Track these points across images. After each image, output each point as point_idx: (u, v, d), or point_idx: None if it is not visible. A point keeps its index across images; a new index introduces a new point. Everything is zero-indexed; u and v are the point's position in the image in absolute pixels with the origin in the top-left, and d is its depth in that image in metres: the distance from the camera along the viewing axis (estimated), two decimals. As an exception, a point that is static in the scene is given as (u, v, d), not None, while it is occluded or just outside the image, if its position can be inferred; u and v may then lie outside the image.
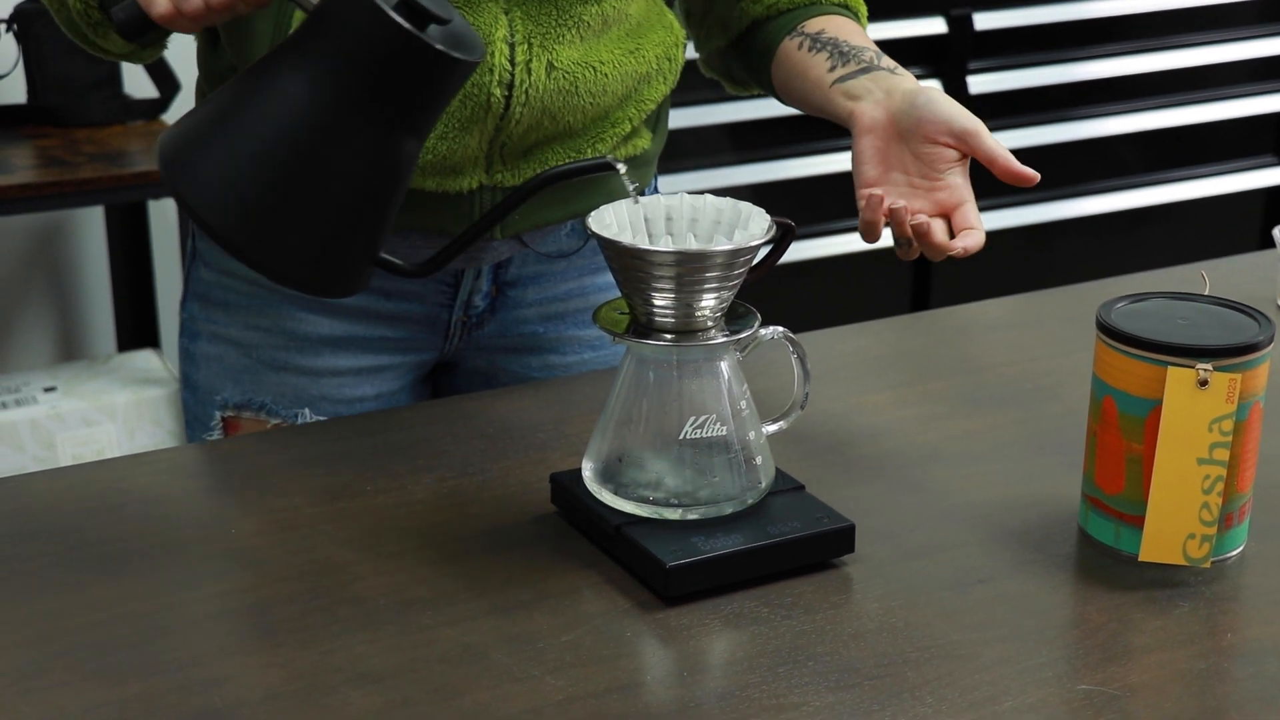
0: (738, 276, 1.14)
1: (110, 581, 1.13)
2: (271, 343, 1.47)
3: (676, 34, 1.46)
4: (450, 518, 1.23)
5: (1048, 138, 3.42)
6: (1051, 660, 1.05)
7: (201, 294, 1.51)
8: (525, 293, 1.52)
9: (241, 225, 1.12)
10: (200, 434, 1.51)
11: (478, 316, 1.51)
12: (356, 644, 1.06)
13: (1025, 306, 1.70)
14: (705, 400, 1.16)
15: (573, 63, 1.36)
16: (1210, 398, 1.12)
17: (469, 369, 1.56)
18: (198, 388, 1.51)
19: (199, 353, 1.51)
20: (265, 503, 1.26)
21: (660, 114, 1.53)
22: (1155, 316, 1.18)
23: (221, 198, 1.11)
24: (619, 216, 1.17)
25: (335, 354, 1.48)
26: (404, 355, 1.51)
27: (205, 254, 1.50)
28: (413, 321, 1.49)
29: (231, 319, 1.48)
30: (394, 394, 1.52)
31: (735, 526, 1.15)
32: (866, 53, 1.40)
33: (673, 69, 1.47)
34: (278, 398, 1.48)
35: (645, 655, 1.07)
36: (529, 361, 1.54)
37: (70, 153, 2.60)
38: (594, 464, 1.19)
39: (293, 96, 1.11)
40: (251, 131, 1.11)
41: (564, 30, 1.35)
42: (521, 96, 1.35)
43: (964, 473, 1.31)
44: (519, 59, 1.34)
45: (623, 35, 1.40)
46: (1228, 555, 1.17)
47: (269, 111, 1.11)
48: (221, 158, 1.12)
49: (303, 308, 1.46)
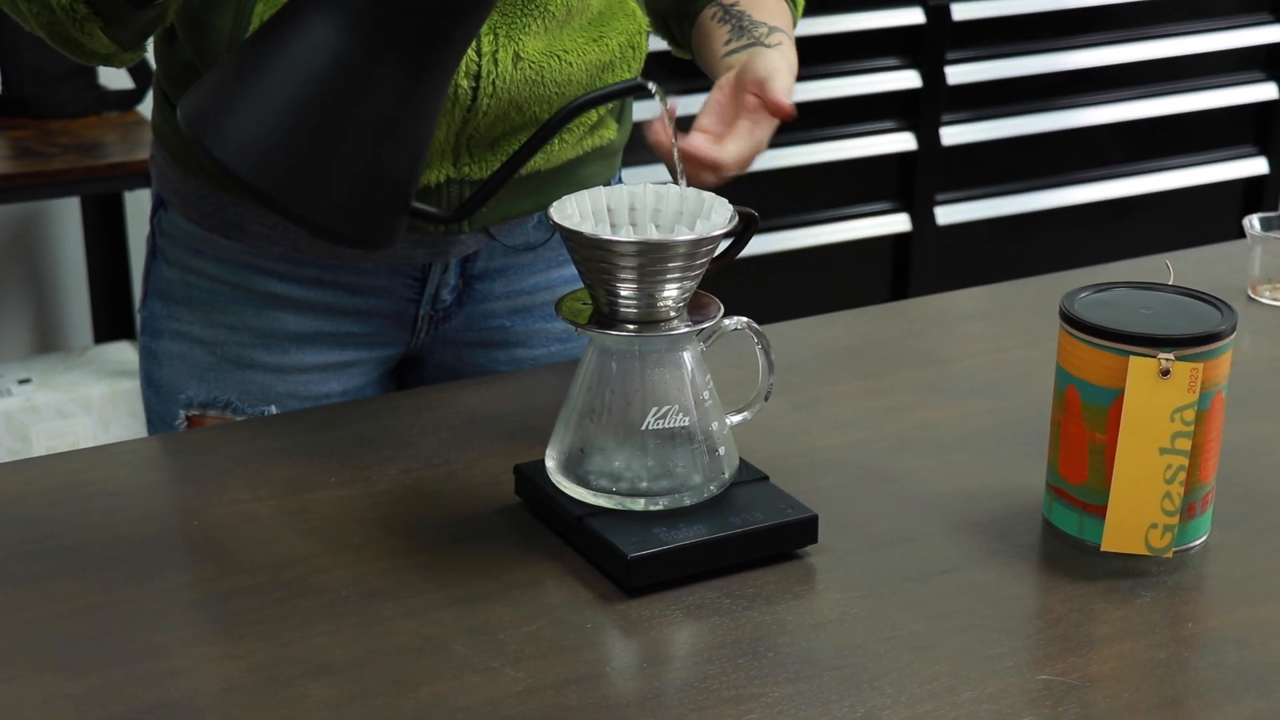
0: (700, 267, 1.14)
1: (70, 574, 1.13)
2: (236, 340, 1.46)
3: (640, 21, 1.45)
4: (414, 509, 1.22)
5: (1026, 128, 3.42)
6: (1012, 650, 1.05)
7: (163, 292, 1.49)
8: (492, 286, 1.51)
9: (278, 180, 1.09)
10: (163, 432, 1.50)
11: (445, 310, 1.51)
12: (316, 635, 1.06)
13: (996, 297, 1.70)
14: (668, 391, 1.16)
15: (538, 52, 1.36)
16: (1172, 387, 1.12)
17: (435, 363, 1.56)
18: (161, 386, 1.50)
19: (161, 351, 1.49)
20: (228, 495, 1.25)
21: (626, 104, 1.52)
22: (1118, 306, 1.18)
23: (255, 154, 1.09)
24: (581, 206, 1.17)
25: (301, 350, 1.47)
26: (370, 350, 1.50)
27: (166, 251, 1.49)
28: (380, 316, 1.49)
29: (195, 316, 1.47)
30: (360, 389, 1.51)
31: (698, 517, 1.15)
32: (762, 28, 1.40)
33: (637, 56, 1.46)
34: (243, 395, 1.47)
35: (606, 646, 1.06)
36: (496, 356, 1.54)
37: (45, 144, 2.59)
38: (557, 455, 1.18)
39: (316, 43, 1.09)
40: (277, 83, 1.09)
41: (529, 20, 1.35)
42: (489, 87, 1.35)
43: (930, 463, 1.31)
44: (485, 49, 1.34)
45: (586, 24, 1.40)
46: (1190, 545, 1.17)
47: (293, 60, 1.09)
48: (250, 113, 1.09)
49: (269, 305, 1.46)
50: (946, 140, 3.32)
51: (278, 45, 1.11)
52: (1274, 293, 1.67)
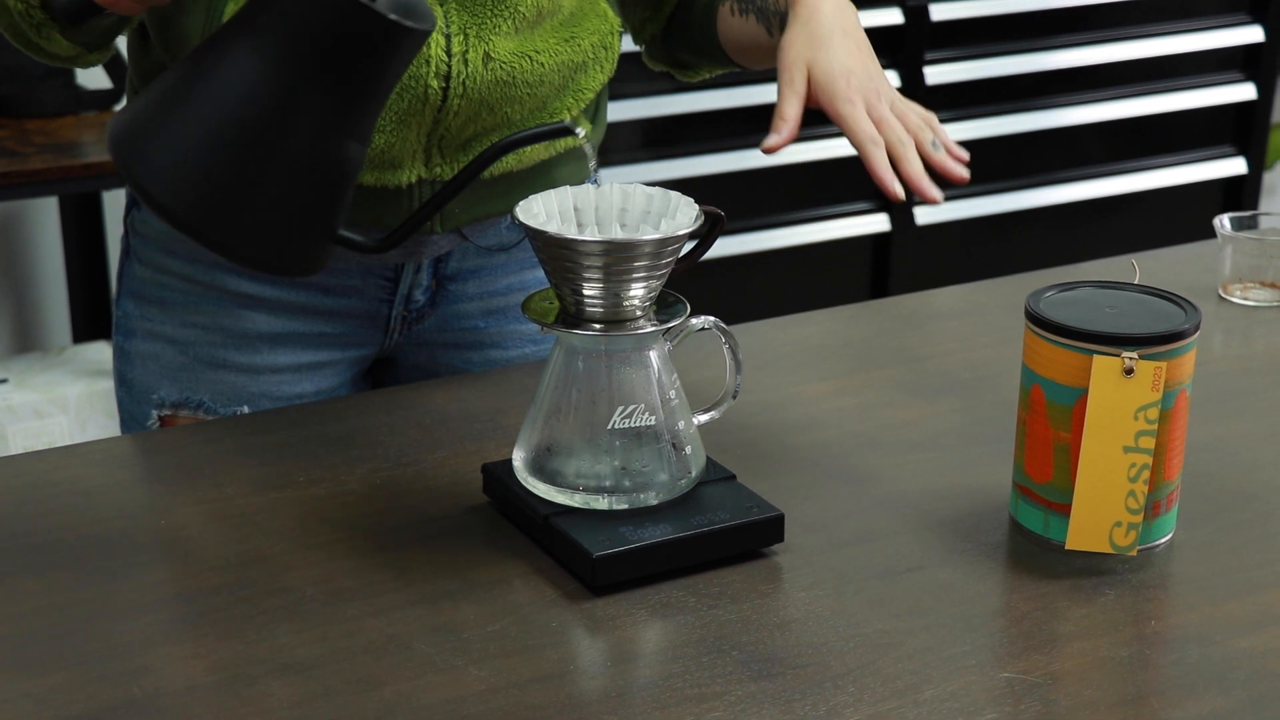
0: (666, 266, 1.14)
1: (36, 573, 1.13)
2: (209, 340, 1.46)
3: (611, 22, 1.45)
4: (382, 508, 1.22)
5: (1006, 128, 3.43)
6: (975, 648, 1.05)
7: (136, 291, 1.49)
8: (465, 287, 1.51)
9: (198, 207, 1.09)
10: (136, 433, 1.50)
11: (418, 311, 1.51)
12: (281, 634, 1.06)
13: (969, 296, 1.70)
14: (634, 390, 1.16)
15: (509, 53, 1.36)
16: (1136, 386, 1.12)
17: (409, 364, 1.56)
18: (133, 386, 1.50)
19: (134, 351, 1.49)
20: (197, 493, 1.25)
21: (599, 104, 1.53)
22: (1083, 305, 1.18)
23: (176, 181, 1.09)
24: (547, 206, 1.17)
25: (274, 351, 1.47)
26: (343, 351, 1.51)
27: (139, 250, 1.49)
28: (352, 317, 1.49)
29: (168, 316, 1.47)
30: (333, 390, 1.51)
31: (664, 516, 1.15)
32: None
33: (609, 57, 1.46)
34: (215, 396, 1.47)
35: (570, 645, 1.06)
36: (469, 357, 1.54)
37: (21, 143, 2.58)
38: (524, 454, 1.19)
39: (242, 73, 1.09)
40: (202, 112, 1.09)
41: (499, 21, 1.35)
42: (459, 88, 1.35)
43: (898, 462, 1.31)
44: (455, 50, 1.34)
45: (557, 25, 1.40)
46: (1155, 543, 1.18)
47: (219, 90, 1.09)
48: (173, 140, 1.09)
49: (241, 305, 1.46)
50: (926, 140, 3.32)
51: (204, 73, 1.10)
52: (1244, 292, 1.67)
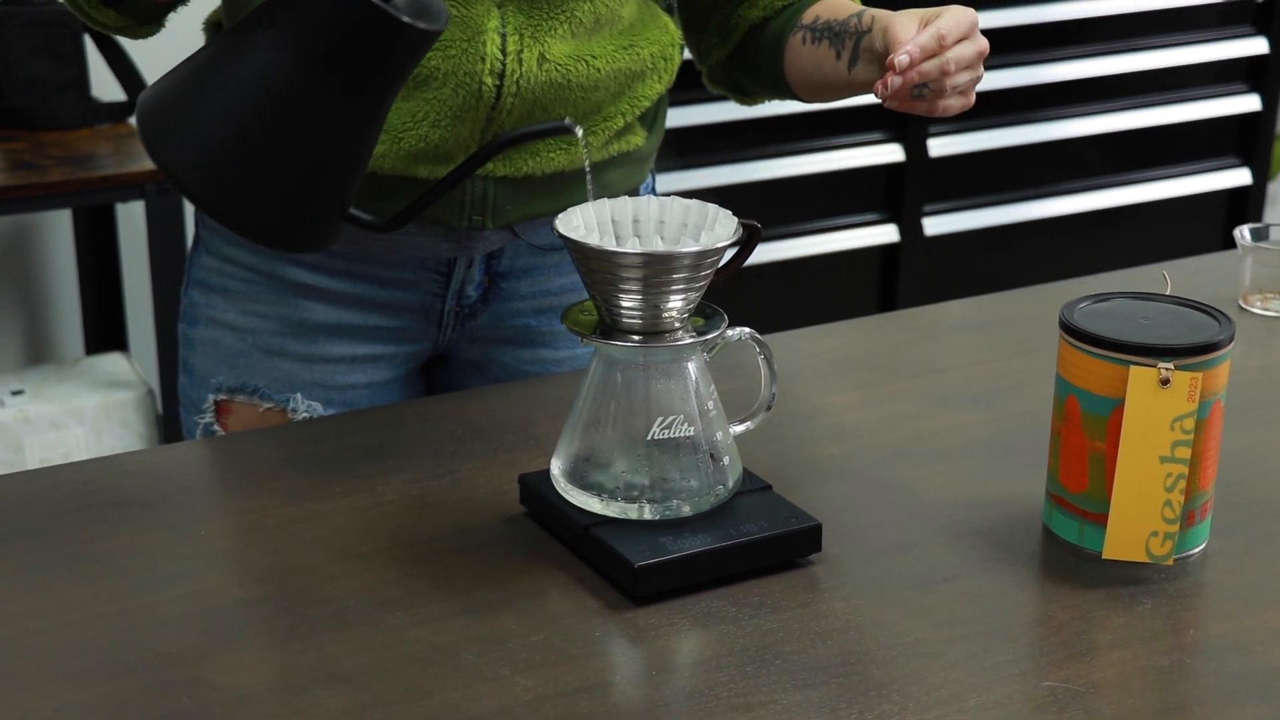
0: (705, 278, 1.15)
1: (79, 584, 1.13)
2: (268, 328, 1.49)
3: (672, 34, 1.47)
4: (419, 519, 1.23)
5: (1014, 139, 3.44)
6: (1016, 657, 1.06)
7: (201, 280, 1.53)
8: (518, 285, 1.53)
9: (210, 182, 1.15)
10: (193, 416, 1.53)
11: (470, 307, 1.52)
12: (326, 644, 1.06)
13: (990, 307, 1.71)
14: (672, 401, 1.17)
15: (565, 56, 1.38)
16: (1172, 396, 1.13)
17: (462, 360, 1.57)
18: (194, 372, 1.53)
19: (196, 337, 1.53)
20: (234, 504, 1.26)
21: (657, 113, 1.54)
22: (1118, 316, 1.19)
23: (193, 156, 1.15)
24: (586, 218, 1.18)
25: (330, 341, 1.50)
26: (397, 345, 1.52)
27: (207, 241, 1.52)
28: (406, 310, 1.51)
29: (230, 304, 1.50)
30: (386, 384, 1.53)
31: (703, 526, 1.16)
32: (852, 21, 1.42)
33: (668, 68, 1.48)
34: (271, 382, 1.50)
35: (614, 655, 1.07)
36: (521, 354, 1.55)
37: (38, 156, 2.59)
38: (562, 464, 1.19)
39: (259, 62, 1.14)
40: (219, 94, 1.14)
41: (555, 24, 1.37)
42: (513, 86, 1.37)
43: (929, 472, 1.32)
44: (510, 49, 1.36)
45: (616, 33, 1.42)
46: (1190, 552, 1.19)
47: (237, 76, 1.14)
48: (193, 119, 1.15)
49: (300, 294, 1.48)
50: (934, 151, 3.33)
51: (224, 59, 1.16)
52: (1265, 303, 1.69)
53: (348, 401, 1.50)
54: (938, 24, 1.29)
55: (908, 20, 1.31)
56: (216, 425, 1.51)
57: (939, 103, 1.32)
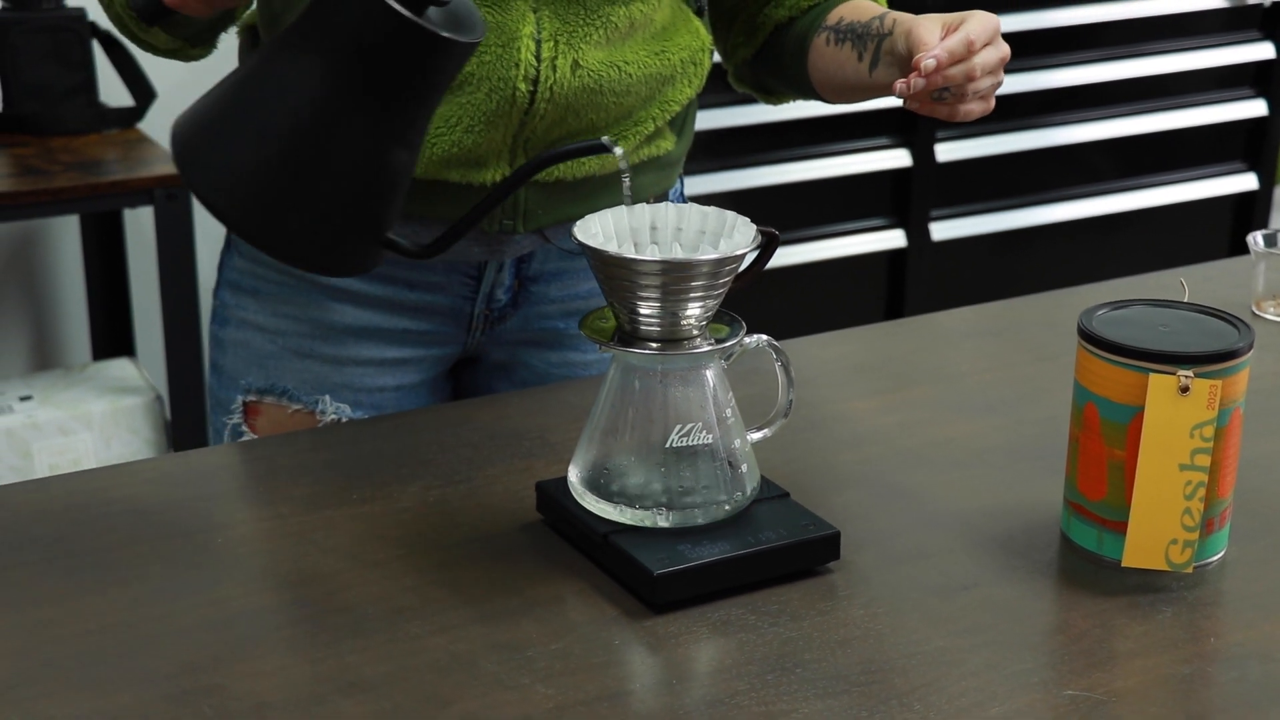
0: (723, 285, 1.15)
1: (97, 591, 1.13)
2: (298, 330, 1.50)
3: (703, 39, 1.48)
4: (436, 526, 1.23)
5: (1022, 145, 3.44)
6: (1037, 666, 1.06)
7: (233, 282, 1.54)
8: (548, 289, 1.53)
9: (246, 209, 1.13)
10: (221, 417, 1.54)
11: (500, 310, 1.53)
12: (346, 653, 1.06)
13: (1003, 313, 1.71)
14: (691, 408, 1.17)
15: (598, 62, 1.39)
16: (1192, 404, 1.13)
17: (490, 363, 1.58)
18: (223, 373, 1.54)
19: (227, 338, 1.54)
20: (251, 512, 1.26)
21: (686, 118, 1.54)
22: (1136, 323, 1.19)
23: (227, 183, 1.12)
24: (605, 226, 1.18)
25: (359, 344, 1.50)
26: (426, 349, 1.53)
27: (239, 243, 1.53)
28: (436, 313, 1.51)
29: (260, 306, 1.51)
30: (414, 387, 1.53)
31: (721, 534, 1.15)
32: (874, 23, 1.42)
33: (698, 73, 1.49)
34: (300, 384, 1.50)
35: (634, 663, 1.07)
36: (548, 357, 1.56)
37: (47, 161, 2.59)
38: (580, 471, 1.19)
39: (292, 83, 1.12)
40: (253, 119, 1.12)
41: (590, 30, 1.37)
42: (546, 93, 1.37)
43: (946, 479, 1.32)
44: (545, 55, 1.36)
45: (648, 38, 1.43)
46: (1209, 560, 1.18)
47: (270, 98, 1.12)
48: (226, 145, 1.13)
49: (330, 297, 1.49)
50: (942, 157, 3.34)
51: (257, 81, 1.14)
52: (1278, 309, 1.68)
53: (376, 404, 1.51)
54: (966, 29, 1.29)
55: (931, 24, 1.31)
56: (245, 426, 1.51)
57: (960, 107, 1.32)
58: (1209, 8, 3.58)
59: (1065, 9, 3.43)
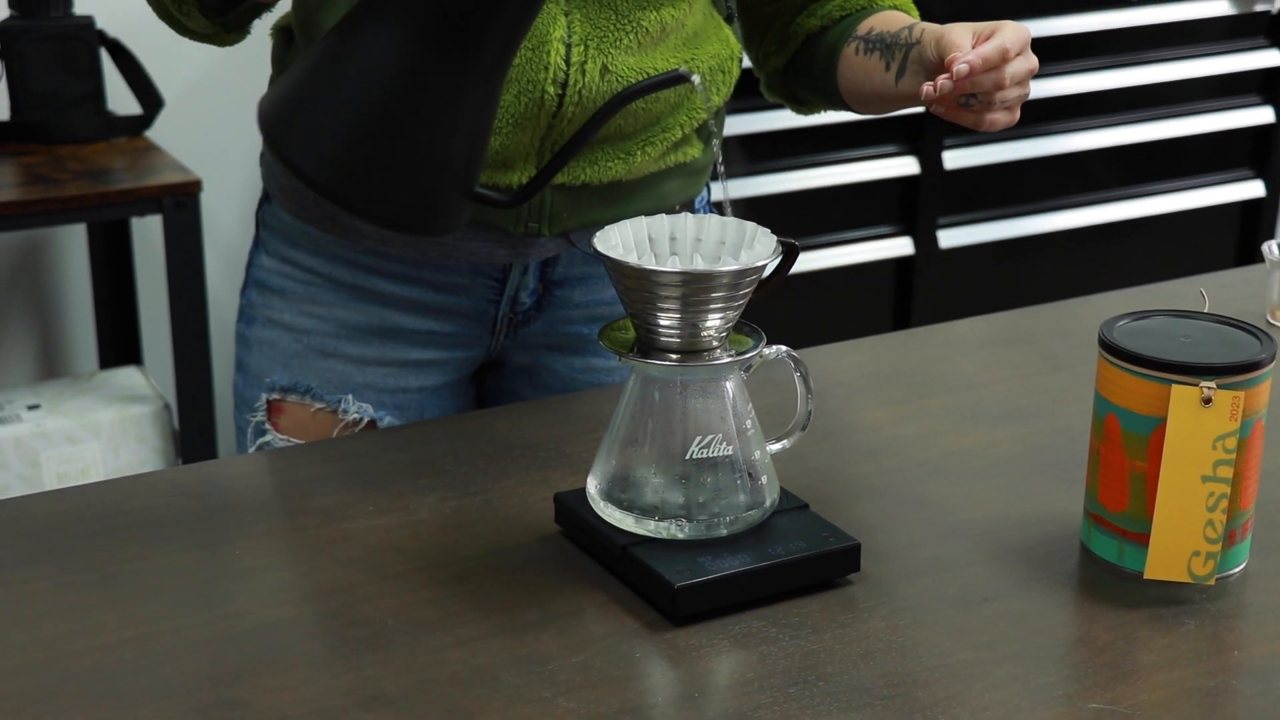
0: (743, 297, 1.15)
1: (116, 605, 1.13)
2: (323, 329, 1.50)
3: (732, 47, 1.48)
4: (454, 538, 1.22)
5: (1030, 152, 3.43)
6: (1061, 679, 1.05)
7: (261, 281, 1.54)
8: (572, 293, 1.53)
9: (342, 176, 1.16)
10: (245, 415, 1.55)
11: (524, 314, 1.53)
12: (366, 666, 1.06)
13: (1017, 322, 1.70)
14: (711, 420, 1.16)
15: (628, 68, 1.39)
16: (1214, 415, 1.12)
17: (514, 367, 1.58)
18: (249, 370, 1.55)
19: (253, 337, 1.54)
20: (267, 524, 1.25)
21: (718, 126, 1.54)
22: (1157, 334, 1.18)
23: (320, 153, 1.15)
24: (624, 236, 1.18)
25: (383, 344, 1.50)
26: (450, 351, 1.53)
27: (267, 242, 1.54)
28: (460, 315, 1.51)
29: (287, 305, 1.52)
30: (437, 389, 1.53)
31: (741, 546, 1.15)
32: (903, 33, 1.42)
33: (727, 81, 1.48)
34: (323, 383, 1.51)
35: (655, 676, 1.07)
36: (572, 363, 1.56)
37: (55, 170, 2.58)
38: (599, 483, 1.19)
39: (374, 49, 1.15)
40: (338, 86, 1.16)
41: (621, 35, 1.38)
42: (574, 96, 1.37)
43: (964, 490, 1.31)
44: (574, 60, 1.36)
45: (679, 44, 1.42)
46: (1231, 572, 1.18)
47: (354, 65, 1.15)
48: (315, 116, 1.16)
49: (356, 297, 1.49)
50: (949, 164, 3.33)
51: (339, 50, 1.17)
52: (1294, 318, 1.68)
53: (398, 405, 1.51)
54: (1001, 37, 1.29)
55: (963, 31, 1.32)
56: (268, 424, 1.52)
57: (986, 116, 1.32)
58: (1216, 15, 3.58)
59: (1075, 16, 3.42)
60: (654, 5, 1.38)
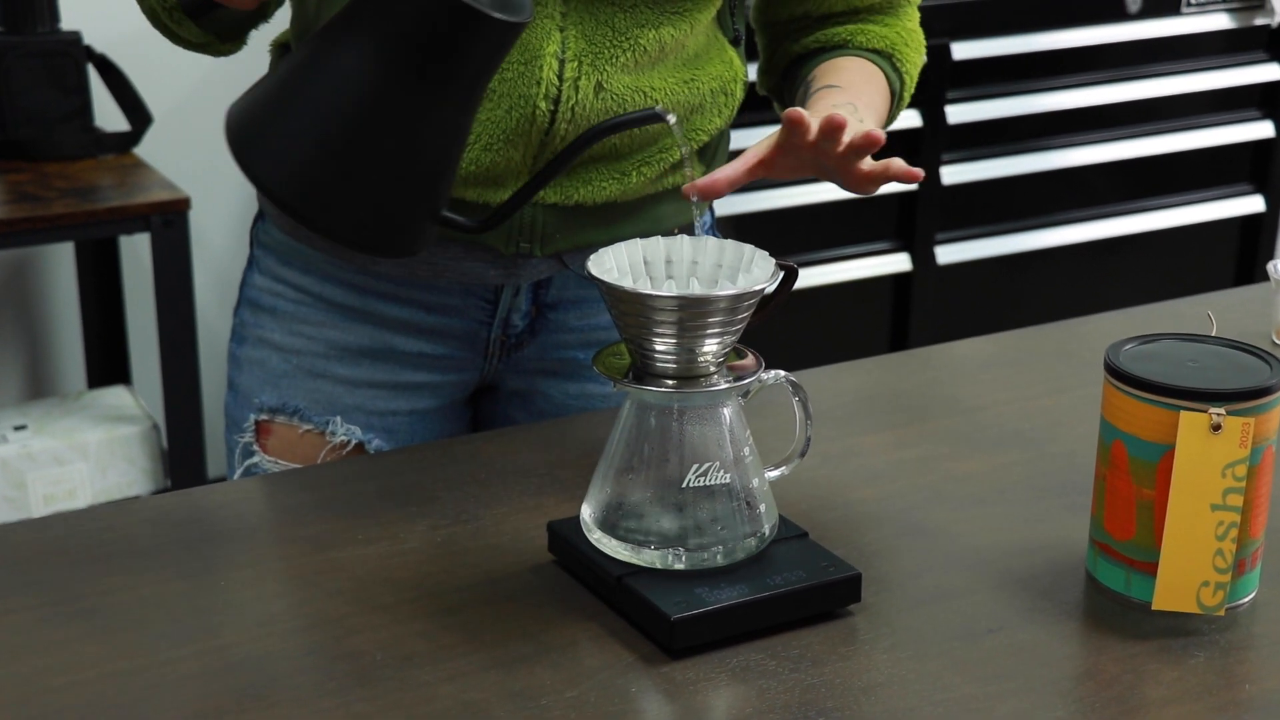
0: (741, 321, 1.12)
1: (98, 638, 1.10)
2: (313, 350, 1.48)
3: (735, 69, 1.45)
4: (444, 567, 1.20)
5: (1028, 167, 3.41)
6: (1069, 714, 1.03)
7: (252, 300, 1.52)
8: (566, 317, 1.50)
9: (304, 192, 1.15)
10: (234, 435, 1.52)
11: (517, 337, 1.50)
12: (354, 701, 1.03)
13: (1018, 343, 1.68)
14: (708, 447, 1.13)
15: (623, 86, 1.36)
16: (1224, 442, 1.10)
17: (508, 391, 1.55)
18: (239, 390, 1.53)
19: (244, 357, 1.52)
20: (253, 554, 1.22)
21: (718, 147, 1.52)
22: (1164, 359, 1.16)
23: (283, 168, 1.14)
24: (619, 259, 1.15)
25: (373, 365, 1.48)
26: (443, 374, 1.50)
27: (260, 260, 1.52)
28: (451, 337, 1.49)
29: (278, 324, 1.49)
30: (428, 412, 1.50)
31: (739, 576, 1.12)
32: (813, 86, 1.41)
33: (729, 103, 1.46)
34: (312, 404, 1.48)
35: (651, 711, 1.04)
36: (567, 388, 1.53)
37: (42, 188, 2.56)
38: (594, 511, 1.16)
39: (345, 66, 1.14)
40: (306, 103, 1.15)
41: (618, 53, 1.35)
42: (567, 113, 1.35)
43: (966, 516, 1.29)
44: (568, 75, 1.34)
45: (678, 65, 1.40)
46: (1240, 602, 1.15)
47: (323, 82, 1.14)
48: (281, 130, 1.15)
49: (346, 317, 1.47)
50: (947, 179, 3.31)
51: (308, 66, 1.15)
52: (1299, 338, 1.65)
53: (388, 428, 1.48)
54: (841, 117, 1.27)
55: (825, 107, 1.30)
56: (255, 445, 1.49)
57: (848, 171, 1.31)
58: (1215, 29, 3.56)
59: (1074, 30, 3.40)
60: (653, 24, 1.36)
